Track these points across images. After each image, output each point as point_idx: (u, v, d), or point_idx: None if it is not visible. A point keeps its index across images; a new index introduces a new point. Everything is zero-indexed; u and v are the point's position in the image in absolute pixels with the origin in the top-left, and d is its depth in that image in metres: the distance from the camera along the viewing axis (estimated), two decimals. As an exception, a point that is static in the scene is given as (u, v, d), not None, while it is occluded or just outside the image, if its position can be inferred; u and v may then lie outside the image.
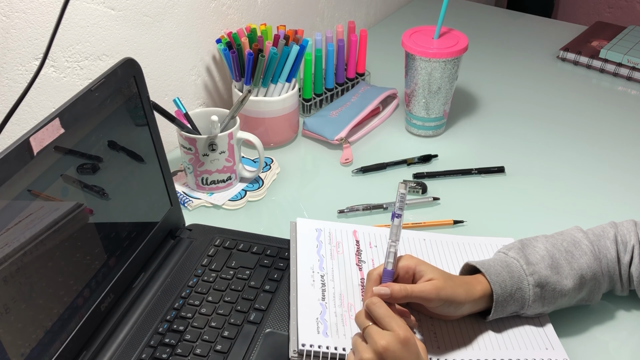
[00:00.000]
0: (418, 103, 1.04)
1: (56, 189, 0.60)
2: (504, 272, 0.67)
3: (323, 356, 0.63)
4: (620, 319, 0.73)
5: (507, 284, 0.67)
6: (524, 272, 0.67)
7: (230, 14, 1.06)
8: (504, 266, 0.68)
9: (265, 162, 0.98)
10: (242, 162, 0.95)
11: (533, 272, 0.67)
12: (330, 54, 1.10)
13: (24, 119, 0.79)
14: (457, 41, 1.00)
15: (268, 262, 0.78)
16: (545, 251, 0.70)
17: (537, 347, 0.67)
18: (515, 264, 0.68)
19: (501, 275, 0.67)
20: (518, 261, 0.69)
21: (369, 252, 0.78)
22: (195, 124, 0.91)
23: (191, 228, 0.85)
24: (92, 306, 0.66)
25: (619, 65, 1.26)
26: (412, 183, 0.94)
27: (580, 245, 0.71)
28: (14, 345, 0.56)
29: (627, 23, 1.50)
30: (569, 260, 0.69)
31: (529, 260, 0.68)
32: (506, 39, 1.44)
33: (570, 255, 0.70)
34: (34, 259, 0.57)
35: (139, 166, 0.74)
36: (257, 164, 0.98)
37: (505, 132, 1.09)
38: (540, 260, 0.69)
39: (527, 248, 0.71)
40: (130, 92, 0.70)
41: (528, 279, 0.67)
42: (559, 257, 0.69)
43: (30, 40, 0.76)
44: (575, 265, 0.69)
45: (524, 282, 0.67)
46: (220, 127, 0.88)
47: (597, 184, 0.97)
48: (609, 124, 1.12)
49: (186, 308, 0.72)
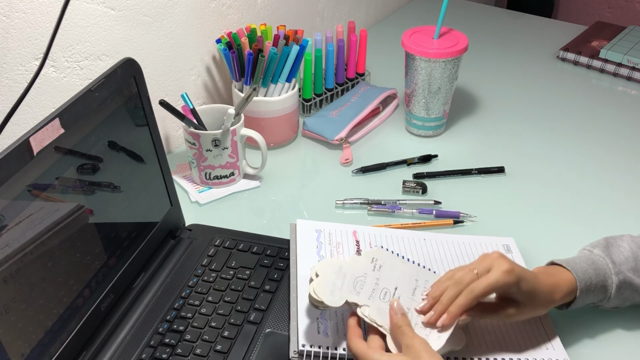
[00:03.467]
0: (418, 103, 1.04)
1: (56, 189, 0.60)
2: (590, 269, 0.68)
3: (323, 356, 0.63)
4: (621, 319, 0.73)
5: (593, 281, 0.68)
6: (610, 270, 0.68)
7: (230, 14, 1.06)
8: (589, 263, 0.69)
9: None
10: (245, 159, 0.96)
11: (619, 272, 0.68)
12: (330, 54, 1.10)
13: (24, 119, 0.79)
14: (457, 41, 1.00)
15: (268, 262, 0.78)
16: (630, 252, 0.70)
17: (537, 347, 0.67)
18: (601, 262, 0.69)
19: (587, 272, 0.68)
20: (604, 259, 0.69)
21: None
22: (201, 120, 0.92)
23: (191, 228, 0.85)
24: (92, 306, 0.66)
25: (619, 65, 1.26)
26: (412, 183, 0.94)
27: None
28: (14, 345, 0.56)
29: (627, 23, 1.50)
30: None
31: (614, 260, 0.69)
32: (506, 39, 1.44)
33: None
34: (34, 259, 0.57)
35: (139, 166, 0.74)
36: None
37: (505, 132, 1.09)
38: (624, 261, 0.69)
39: (612, 247, 0.71)
40: (130, 92, 0.70)
41: (613, 277, 0.68)
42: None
43: (30, 40, 0.76)
44: None
45: (608, 280, 0.68)
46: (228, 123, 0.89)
47: (597, 183, 0.97)
48: (609, 124, 1.12)
49: (186, 308, 0.72)
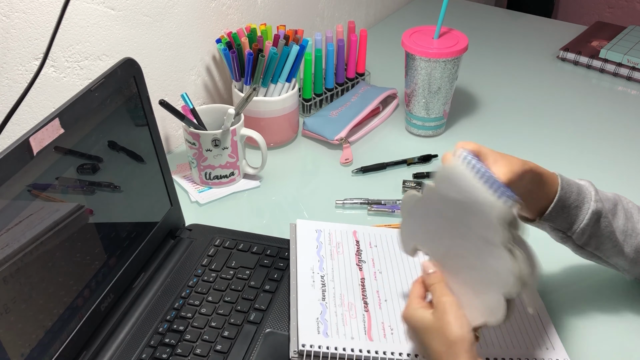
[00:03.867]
0: (418, 103, 1.04)
1: (56, 189, 0.60)
2: (574, 187, 0.69)
3: (323, 356, 0.63)
4: (622, 319, 0.73)
5: (572, 197, 0.68)
6: (592, 196, 0.69)
7: (230, 14, 1.06)
8: (576, 185, 0.70)
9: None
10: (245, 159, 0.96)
11: (598, 201, 0.69)
12: (330, 54, 1.10)
13: (24, 119, 0.79)
14: (457, 41, 1.00)
15: (268, 262, 0.78)
16: (612, 197, 0.71)
17: (538, 347, 0.67)
18: (587, 188, 0.70)
19: (570, 187, 0.69)
20: (589, 187, 0.71)
21: (369, 252, 0.78)
22: (201, 119, 0.92)
23: (191, 228, 0.85)
24: (92, 306, 0.66)
25: (619, 65, 1.26)
26: (412, 183, 0.94)
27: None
28: (14, 345, 0.56)
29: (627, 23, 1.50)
30: (626, 217, 0.70)
31: (598, 194, 0.70)
32: (506, 39, 1.44)
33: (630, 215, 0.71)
34: (34, 259, 0.57)
35: (138, 166, 0.74)
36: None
37: (505, 132, 1.09)
38: (605, 199, 0.70)
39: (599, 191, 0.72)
40: (130, 92, 0.70)
41: (591, 203, 0.69)
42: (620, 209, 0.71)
43: (30, 40, 0.76)
44: (629, 225, 0.70)
45: (586, 204, 0.69)
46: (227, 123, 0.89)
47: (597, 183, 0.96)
48: (609, 124, 1.12)
49: (186, 308, 0.72)
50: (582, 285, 0.77)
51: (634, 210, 0.72)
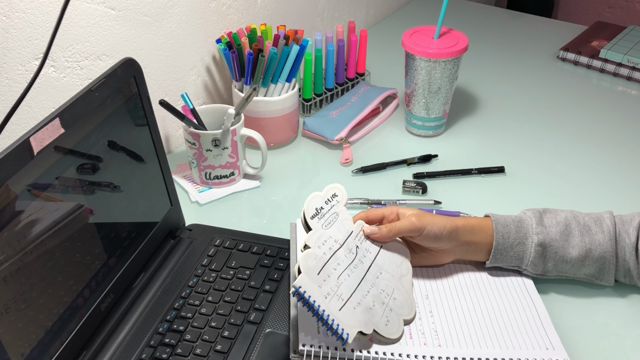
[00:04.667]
0: (418, 103, 1.04)
1: (56, 189, 0.60)
2: (512, 225, 0.71)
3: (323, 356, 0.63)
4: (622, 318, 0.73)
5: (511, 236, 0.70)
6: (532, 230, 0.71)
7: (230, 14, 1.06)
8: (516, 221, 0.72)
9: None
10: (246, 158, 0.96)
11: (540, 232, 0.70)
12: (330, 54, 1.10)
13: (24, 119, 0.79)
14: (457, 41, 1.00)
15: (268, 262, 0.78)
16: (564, 219, 0.73)
17: (537, 347, 0.67)
18: (527, 222, 0.72)
19: (508, 227, 0.71)
20: (530, 219, 0.72)
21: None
22: (201, 119, 0.92)
23: (191, 228, 0.85)
24: (92, 306, 0.66)
25: (619, 65, 1.26)
26: (412, 183, 0.94)
27: (601, 224, 0.73)
28: (14, 345, 0.56)
29: (627, 23, 1.51)
30: (582, 233, 0.72)
31: (543, 222, 0.71)
32: (506, 39, 1.44)
33: (587, 230, 0.72)
34: (34, 259, 0.57)
35: (139, 166, 0.74)
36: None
37: (505, 132, 1.09)
38: (554, 225, 0.72)
39: (548, 213, 0.73)
40: (130, 92, 0.70)
41: (533, 237, 0.70)
42: (574, 228, 0.72)
43: (30, 40, 0.76)
44: (586, 240, 0.72)
45: (528, 239, 0.70)
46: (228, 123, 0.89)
47: (597, 183, 0.97)
48: (609, 123, 1.12)
49: (186, 308, 0.72)
50: (581, 285, 0.77)
51: (591, 222, 0.74)
